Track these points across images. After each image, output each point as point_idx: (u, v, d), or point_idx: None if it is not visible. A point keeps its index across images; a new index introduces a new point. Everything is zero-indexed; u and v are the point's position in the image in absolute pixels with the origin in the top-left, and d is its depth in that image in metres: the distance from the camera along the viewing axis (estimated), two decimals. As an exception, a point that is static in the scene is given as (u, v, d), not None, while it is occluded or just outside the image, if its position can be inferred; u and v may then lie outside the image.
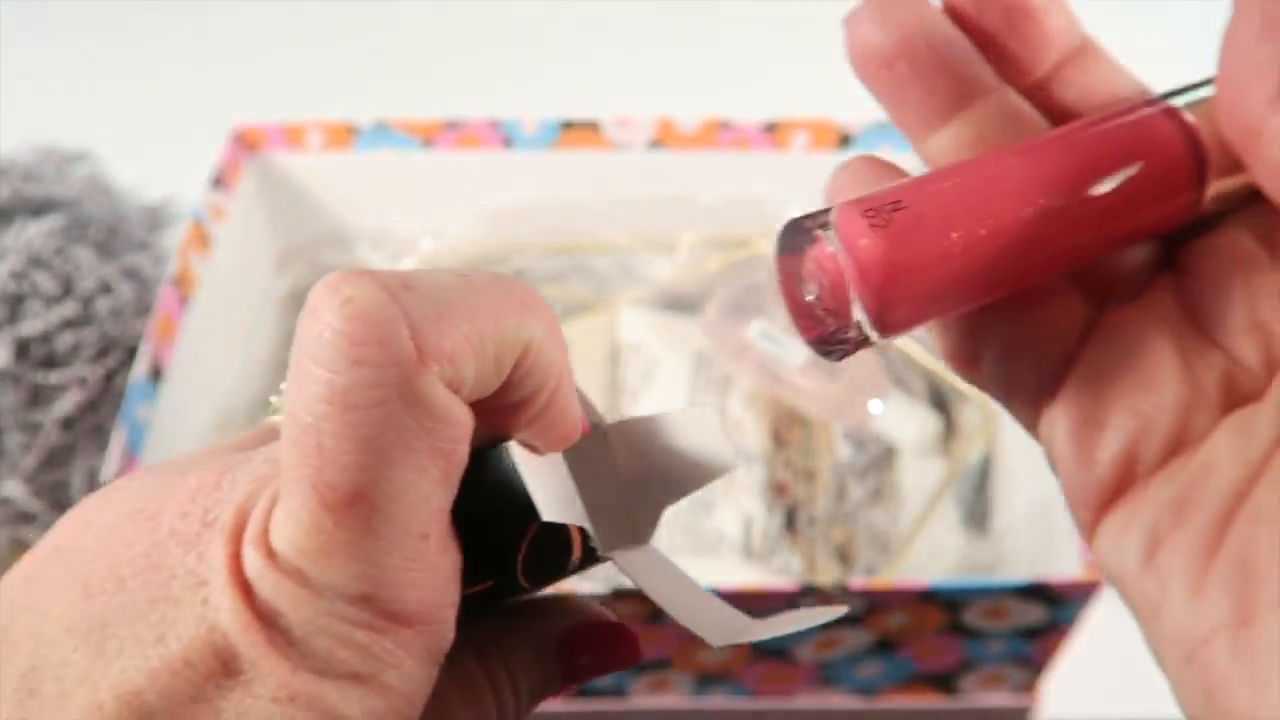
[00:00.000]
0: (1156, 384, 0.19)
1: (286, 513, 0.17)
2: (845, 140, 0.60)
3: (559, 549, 0.20)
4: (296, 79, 0.88)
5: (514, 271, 0.65)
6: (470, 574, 0.19)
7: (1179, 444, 0.19)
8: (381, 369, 0.16)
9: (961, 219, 0.18)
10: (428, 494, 0.17)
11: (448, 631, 0.18)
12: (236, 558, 0.17)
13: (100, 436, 0.58)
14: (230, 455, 0.20)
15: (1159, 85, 0.22)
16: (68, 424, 0.57)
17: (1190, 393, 0.19)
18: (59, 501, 0.57)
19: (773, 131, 0.60)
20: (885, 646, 0.47)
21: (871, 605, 0.43)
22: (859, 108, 0.64)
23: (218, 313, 0.58)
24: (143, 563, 0.18)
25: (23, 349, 0.56)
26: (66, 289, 0.58)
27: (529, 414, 0.19)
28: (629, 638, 0.22)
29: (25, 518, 0.57)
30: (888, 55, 0.20)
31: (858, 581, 0.51)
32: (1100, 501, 0.19)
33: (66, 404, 0.56)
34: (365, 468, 0.16)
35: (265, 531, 0.17)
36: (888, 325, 0.19)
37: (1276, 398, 0.18)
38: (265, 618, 0.17)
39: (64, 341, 0.57)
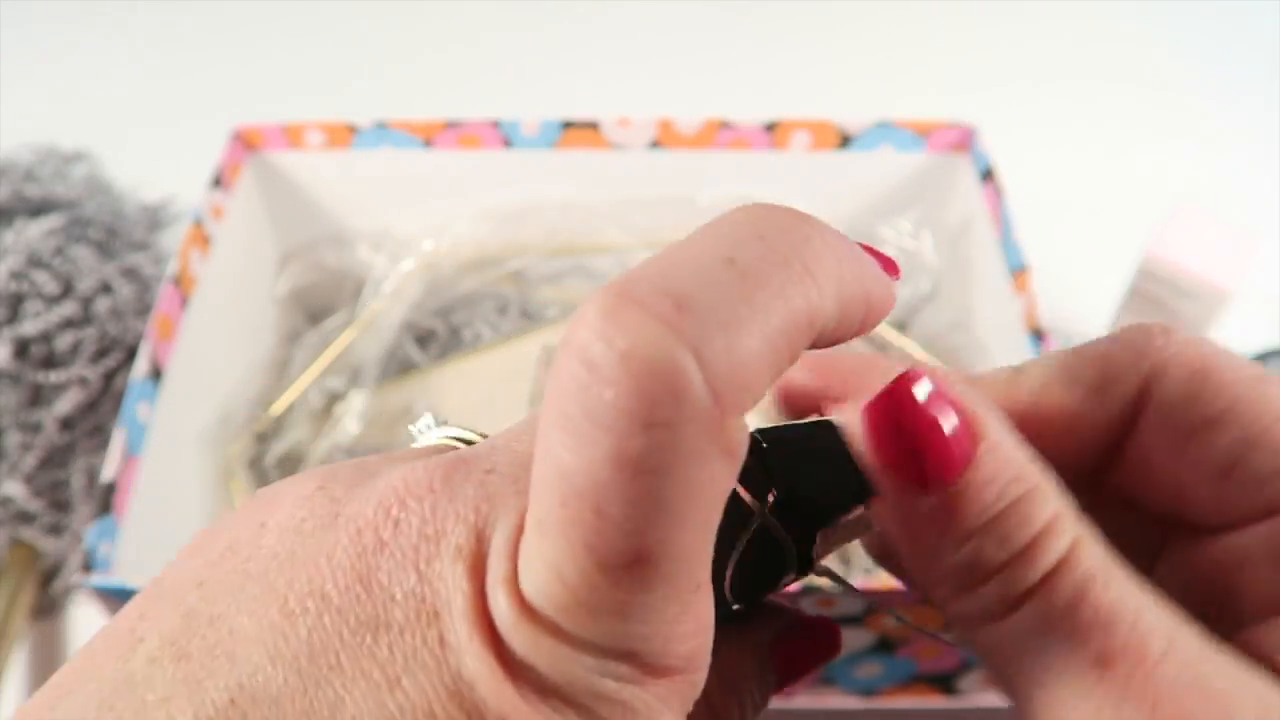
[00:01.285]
0: None
1: (546, 565, 0.15)
2: (845, 140, 0.60)
3: (768, 563, 0.19)
4: (296, 79, 0.88)
5: (514, 272, 0.65)
6: None
7: None
8: (677, 428, 0.14)
9: None
10: (708, 544, 0.15)
11: (703, 678, 0.17)
12: (481, 596, 0.15)
13: (100, 436, 0.58)
14: (430, 458, 0.17)
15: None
16: (67, 423, 0.57)
17: None
18: (58, 501, 0.57)
19: (772, 131, 0.60)
20: (885, 646, 0.47)
21: (871, 605, 0.43)
22: (859, 108, 0.64)
23: (217, 312, 0.58)
24: (349, 577, 0.16)
25: (22, 349, 0.56)
26: (66, 289, 0.58)
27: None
28: (831, 628, 0.22)
29: (25, 517, 0.57)
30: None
31: (858, 582, 0.51)
32: None
33: (66, 404, 0.56)
34: (652, 531, 0.14)
35: (515, 573, 0.15)
36: None
37: None
38: (518, 672, 0.15)
39: (64, 341, 0.57)
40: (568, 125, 0.61)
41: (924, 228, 0.61)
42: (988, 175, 0.58)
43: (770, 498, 0.19)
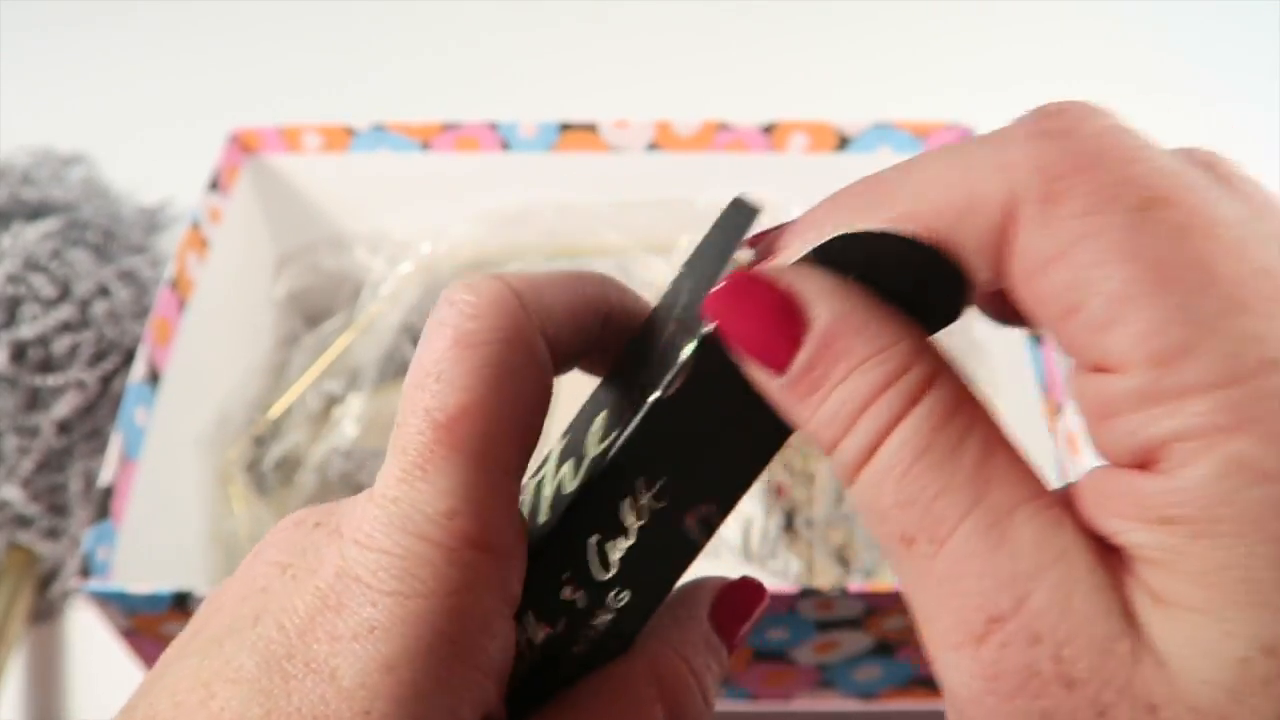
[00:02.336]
0: None
1: (395, 451, 0.20)
2: (843, 142, 0.60)
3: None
4: (294, 81, 0.88)
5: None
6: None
7: None
8: (496, 318, 0.20)
9: None
10: (523, 426, 0.20)
11: (518, 573, 0.20)
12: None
13: (98, 440, 0.58)
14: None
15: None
16: (65, 427, 0.57)
17: None
18: (56, 505, 0.57)
19: (770, 133, 0.60)
20: (884, 649, 0.46)
21: (870, 608, 0.43)
22: (857, 109, 0.64)
23: (215, 315, 0.58)
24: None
25: (20, 352, 0.56)
26: (63, 292, 0.58)
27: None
28: (753, 583, 0.24)
29: (22, 521, 0.56)
30: None
31: (856, 584, 0.50)
32: None
33: (63, 407, 0.56)
34: (474, 388, 0.19)
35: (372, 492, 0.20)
36: None
37: None
38: (364, 544, 0.19)
39: (61, 344, 0.57)
40: (565, 127, 0.61)
41: (922, 229, 0.61)
42: (986, 176, 0.58)
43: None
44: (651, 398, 0.20)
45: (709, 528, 0.21)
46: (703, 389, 0.20)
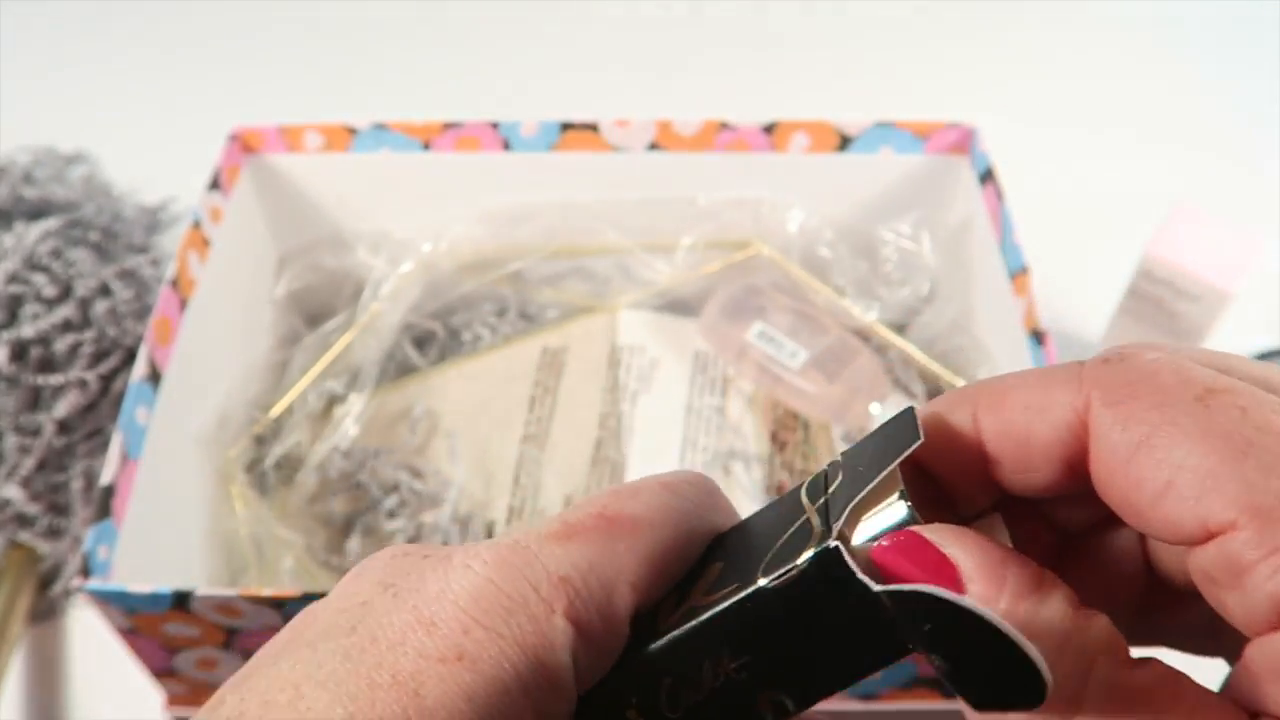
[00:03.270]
0: None
1: (552, 519, 0.21)
2: (844, 142, 0.60)
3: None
4: (295, 81, 0.88)
5: (512, 274, 0.65)
6: None
7: None
8: (706, 507, 0.23)
9: None
10: (668, 570, 0.22)
11: (596, 669, 0.21)
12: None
13: (99, 439, 0.58)
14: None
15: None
16: (66, 426, 0.57)
17: None
18: (57, 504, 0.57)
19: (771, 133, 0.60)
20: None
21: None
22: (858, 109, 0.64)
23: (216, 315, 0.58)
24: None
25: (21, 351, 0.56)
26: (65, 291, 0.58)
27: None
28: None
29: (23, 520, 0.56)
30: None
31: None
32: None
33: (65, 406, 0.56)
34: (654, 516, 0.22)
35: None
36: None
37: None
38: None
39: (62, 344, 0.57)
40: (566, 127, 0.61)
41: (923, 229, 0.61)
42: (987, 176, 0.58)
43: (824, 497, 0.21)
44: (757, 584, 0.20)
45: (780, 713, 0.21)
46: (808, 594, 0.20)
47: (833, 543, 0.19)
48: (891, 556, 0.19)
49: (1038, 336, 0.51)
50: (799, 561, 0.20)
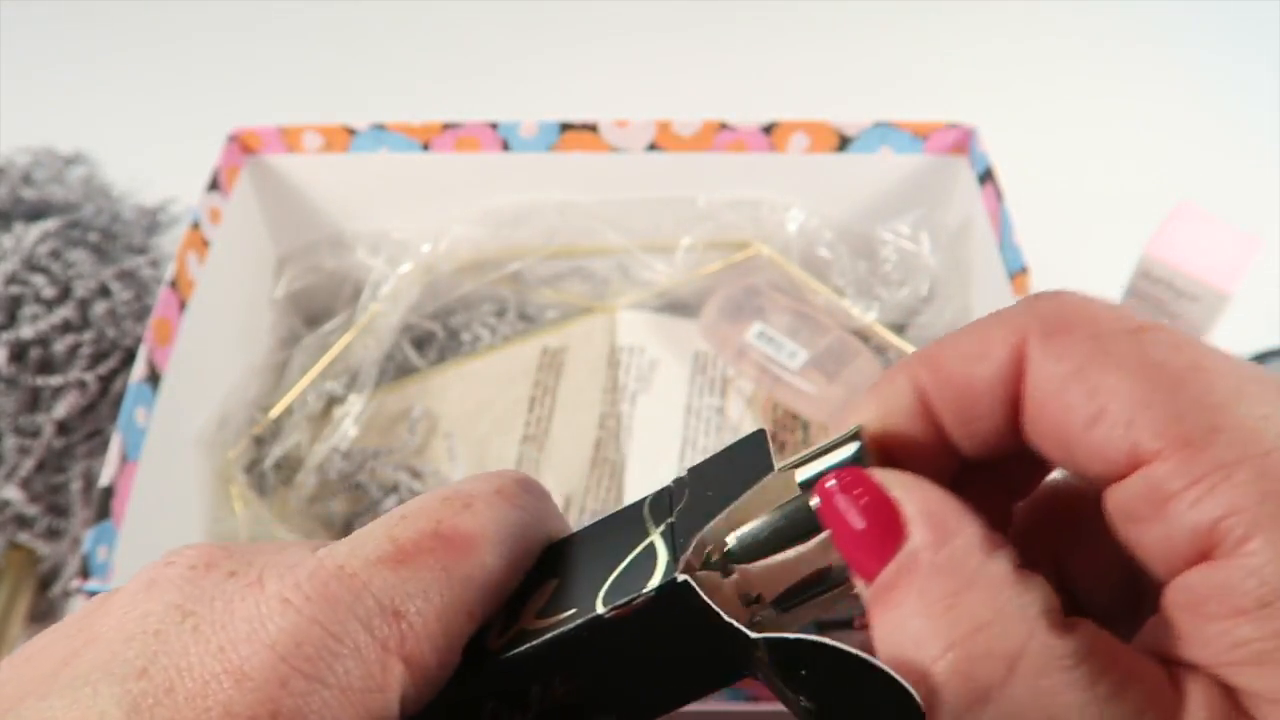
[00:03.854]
0: None
1: (380, 535, 0.20)
2: (843, 142, 0.60)
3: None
4: (294, 81, 0.88)
5: (512, 274, 0.65)
6: None
7: None
8: (543, 503, 0.22)
9: None
10: (503, 588, 0.20)
11: (423, 697, 0.19)
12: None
13: (98, 440, 0.58)
14: None
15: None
16: (65, 427, 0.57)
17: None
18: (56, 505, 0.57)
19: (771, 133, 0.60)
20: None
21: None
22: (857, 109, 0.64)
23: (215, 316, 0.57)
24: None
25: (20, 352, 0.56)
26: (64, 292, 0.58)
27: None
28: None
29: (22, 521, 0.56)
30: None
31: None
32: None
33: (64, 407, 0.56)
34: (494, 532, 0.20)
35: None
36: None
37: None
38: None
39: (61, 345, 0.57)
40: (566, 127, 0.61)
41: (923, 229, 0.61)
42: (986, 176, 0.58)
43: (668, 519, 0.20)
44: (596, 612, 0.19)
45: None
46: (649, 625, 0.19)
47: (680, 576, 0.19)
48: (831, 498, 0.18)
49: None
50: (643, 591, 0.19)
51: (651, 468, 0.60)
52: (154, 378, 0.51)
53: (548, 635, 0.19)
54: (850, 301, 0.62)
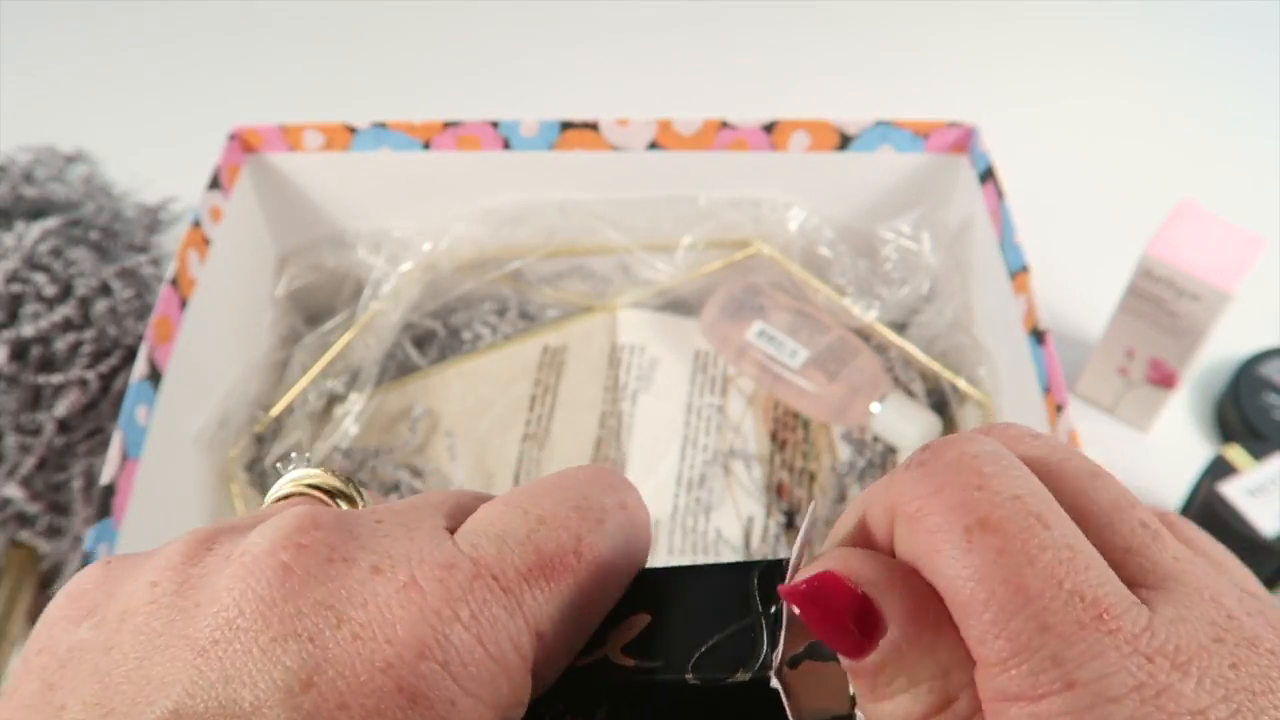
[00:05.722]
0: None
1: (513, 539, 0.20)
2: (844, 141, 0.60)
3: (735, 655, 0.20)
4: (295, 80, 0.88)
5: (512, 273, 0.65)
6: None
7: None
8: (641, 547, 0.22)
9: None
10: (586, 626, 0.20)
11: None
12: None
13: (99, 438, 0.58)
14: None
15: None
16: (66, 426, 0.57)
17: None
18: (57, 503, 0.57)
19: (771, 132, 0.60)
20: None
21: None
22: (858, 108, 0.64)
23: (216, 314, 0.58)
24: (255, 605, 0.19)
25: (21, 351, 0.56)
26: (65, 290, 0.58)
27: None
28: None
29: (24, 519, 0.56)
30: None
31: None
32: None
33: (65, 406, 0.56)
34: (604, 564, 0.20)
35: None
36: None
37: None
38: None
39: (62, 343, 0.57)
40: (566, 126, 0.61)
41: (923, 228, 0.61)
42: (987, 175, 0.58)
43: (776, 607, 0.20)
44: (685, 678, 0.20)
45: None
46: (728, 696, 0.20)
47: (774, 683, 0.19)
48: (805, 597, 0.18)
49: (1038, 336, 0.51)
50: (734, 678, 0.19)
51: (652, 466, 0.60)
52: (155, 376, 0.51)
53: (631, 675, 0.20)
54: (851, 300, 0.62)
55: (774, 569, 0.21)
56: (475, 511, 0.20)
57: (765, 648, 0.19)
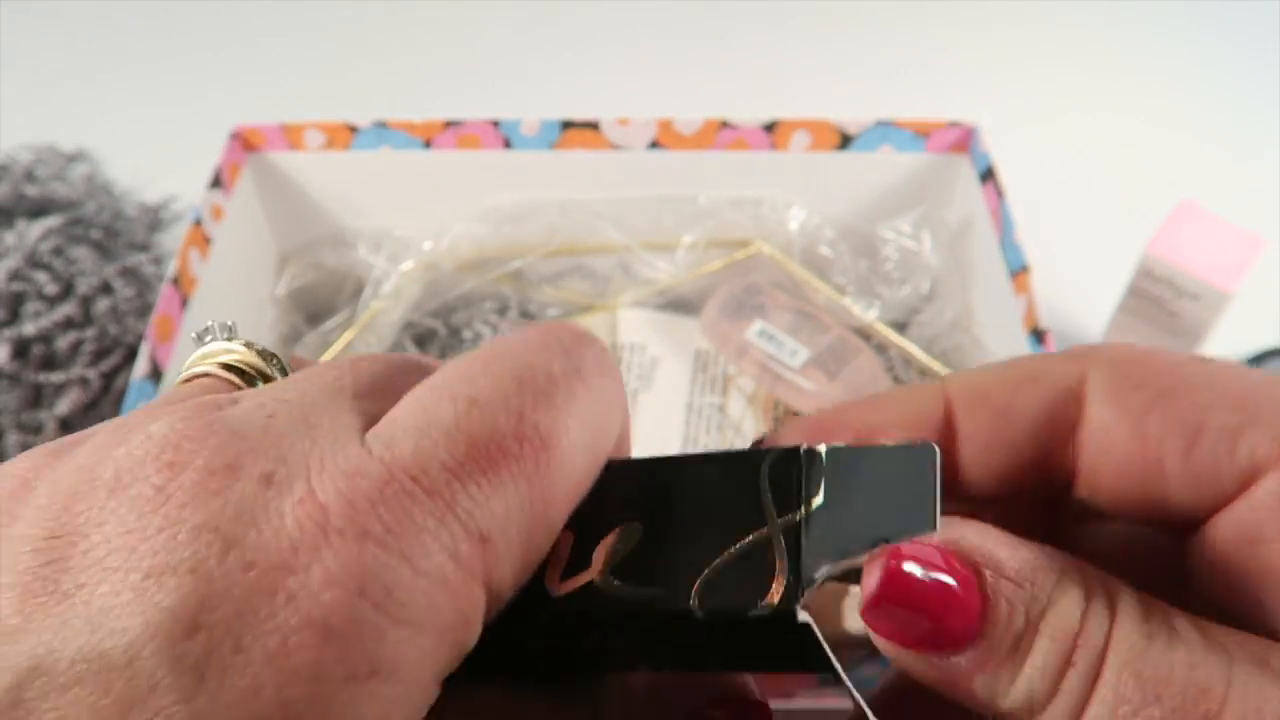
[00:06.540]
0: None
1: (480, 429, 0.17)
2: (845, 140, 0.60)
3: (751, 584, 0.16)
4: (296, 79, 0.88)
5: (513, 272, 0.65)
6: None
7: None
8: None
9: None
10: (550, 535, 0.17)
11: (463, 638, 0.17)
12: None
13: (100, 437, 0.58)
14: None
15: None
16: (67, 424, 0.57)
17: None
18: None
19: (772, 131, 0.60)
20: (885, 647, 0.47)
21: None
22: (858, 107, 0.64)
23: (217, 313, 0.58)
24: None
25: (23, 349, 0.56)
26: (66, 289, 0.58)
27: None
28: (763, 714, 0.20)
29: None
30: None
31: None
32: None
33: (66, 404, 0.56)
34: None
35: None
36: None
37: None
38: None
39: (64, 342, 0.57)
40: (567, 125, 0.61)
41: (924, 228, 0.61)
42: (988, 175, 0.58)
43: (798, 515, 0.16)
44: (688, 607, 0.16)
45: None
46: (744, 627, 0.16)
47: (802, 616, 0.15)
48: (886, 610, 0.15)
49: (1038, 335, 0.51)
50: (753, 611, 0.16)
51: (652, 465, 0.60)
52: (156, 375, 0.51)
53: (623, 603, 0.17)
54: (851, 300, 0.62)
55: (787, 461, 0.17)
56: (399, 401, 0.16)
57: (788, 574, 0.16)
